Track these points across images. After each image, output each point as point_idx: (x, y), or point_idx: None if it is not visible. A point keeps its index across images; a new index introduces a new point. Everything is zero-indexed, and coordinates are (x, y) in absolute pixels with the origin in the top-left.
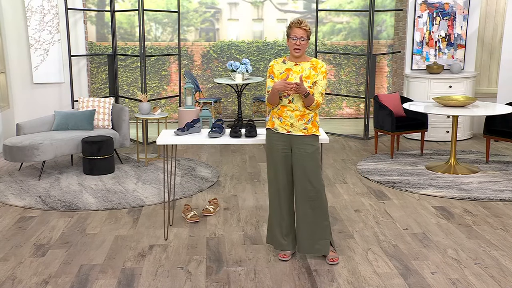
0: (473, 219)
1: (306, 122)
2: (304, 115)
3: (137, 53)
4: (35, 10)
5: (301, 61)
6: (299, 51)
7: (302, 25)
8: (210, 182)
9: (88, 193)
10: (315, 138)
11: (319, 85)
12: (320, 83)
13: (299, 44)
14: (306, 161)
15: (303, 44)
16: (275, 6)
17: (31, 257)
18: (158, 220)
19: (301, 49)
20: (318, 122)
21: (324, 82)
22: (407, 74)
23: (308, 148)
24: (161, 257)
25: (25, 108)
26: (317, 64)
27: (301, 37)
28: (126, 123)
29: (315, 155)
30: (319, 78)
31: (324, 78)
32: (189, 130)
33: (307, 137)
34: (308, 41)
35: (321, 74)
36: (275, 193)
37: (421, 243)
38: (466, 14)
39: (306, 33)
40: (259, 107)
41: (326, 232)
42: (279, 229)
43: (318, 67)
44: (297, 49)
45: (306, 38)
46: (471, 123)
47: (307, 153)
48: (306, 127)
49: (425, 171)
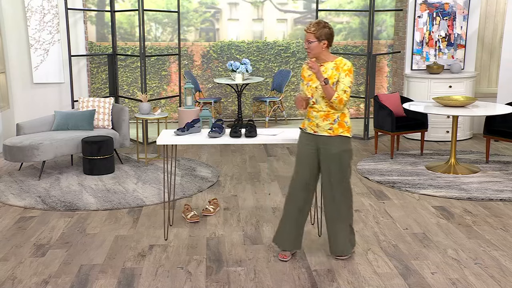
0: (473, 219)
1: (332, 123)
2: (328, 115)
3: (137, 53)
4: (35, 10)
5: (325, 62)
6: (310, 53)
7: (308, 29)
8: (210, 182)
9: (88, 193)
10: (342, 139)
11: (341, 83)
12: (342, 80)
13: (307, 47)
14: (330, 162)
15: (312, 46)
16: (275, 6)
17: (31, 257)
18: (158, 220)
19: (311, 52)
20: (347, 123)
21: (347, 80)
22: (407, 74)
23: (333, 148)
24: (161, 257)
25: (25, 108)
26: (340, 63)
27: (308, 40)
28: (126, 123)
29: (340, 156)
30: (342, 76)
31: (347, 76)
32: (189, 130)
33: (332, 138)
34: (321, 41)
35: (343, 72)
36: (292, 190)
37: (421, 243)
38: (466, 14)
39: (313, 35)
40: (259, 107)
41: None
42: (288, 227)
43: (341, 66)
44: (307, 52)
45: (314, 40)
46: (471, 123)
47: (331, 154)
48: (332, 127)
49: (425, 171)
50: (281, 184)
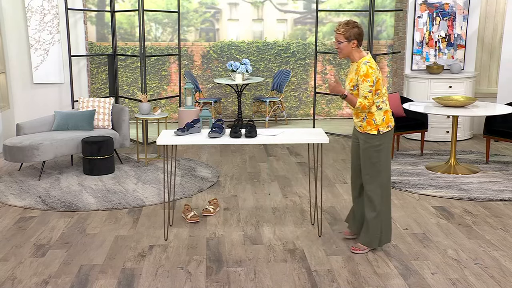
0: (473, 219)
1: (361, 120)
2: (357, 113)
3: (137, 53)
4: (35, 10)
5: (354, 61)
6: (340, 54)
7: (337, 29)
8: (210, 182)
9: (88, 193)
10: (369, 136)
11: (360, 89)
12: (360, 86)
13: (337, 47)
14: (360, 155)
15: (341, 46)
16: (275, 6)
17: (31, 257)
18: (158, 220)
19: (341, 52)
20: (375, 121)
21: (364, 85)
22: (407, 74)
23: (362, 143)
24: (161, 257)
25: (25, 108)
26: (358, 67)
27: (338, 41)
28: (126, 123)
29: (367, 151)
30: (359, 81)
31: (364, 82)
32: (189, 130)
33: (362, 134)
34: (351, 41)
35: (360, 78)
36: (351, 177)
37: (421, 243)
38: (466, 14)
39: (342, 35)
40: (259, 107)
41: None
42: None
43: (358, 71)
44: (338, 52)
45: (344, 40)
46: (471, 123)
47: (361, 148)
48: (362, 124)
49: (425, 171)
50: (281, 184)
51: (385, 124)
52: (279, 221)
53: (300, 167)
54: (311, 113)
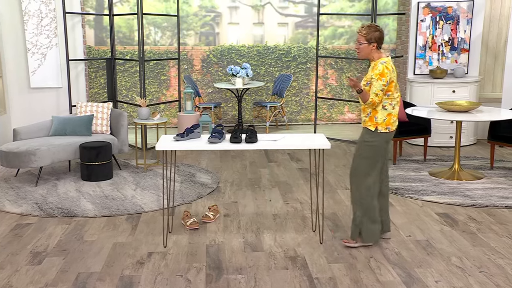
0: (478, 226)
1: (366, 116)
2: (365, 108)
3: (136, 57)
4: (32, 14)
5: (373, 61)
6: (359, 54)
7: (360, 31)
8: (210, 188)
9: (86, 199)
10: (366, 131)
11: (373, 86)
12: (374, 84)
13: (357, 48)
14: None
15: (361, 47)
16: (276, 10)
17: (28, 265)
18: (157, 227)
19: (360, 53)
20: (376, 119)
21: (378, 84)
22: (410, 79)
23: (359, 137)
24: (160, 264)
25: (22, 113)
26: (374, 66)
27: (359, 42)
28: (125, 129)
29: (360, 144)
30: (374, 79)
31: (379, 80)
32: (188, 135)
33: (363, 129)
34: (371, 44)
35: (375, 76)
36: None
37: (424, 251)
38: (470, 18)
39: (363, 37)
40: (260, 112)
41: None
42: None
43: (374, 69)
44: (357, 52)
45: (365, 42)
46: (475, 128)
47: (357, 141)
48: (365, 119)
49: (428, 177)
50: (281, 190)
51: (385, 125)
52: (280, 228)
53: (301, 173)
54: (312, 118)
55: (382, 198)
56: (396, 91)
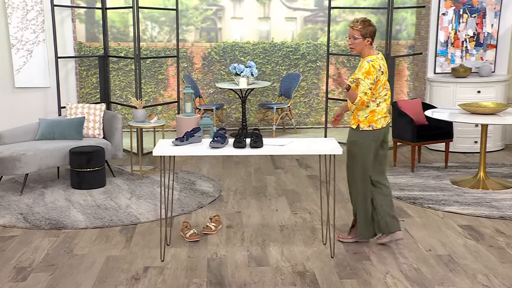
0: (507, 241)
1: (352, 114)
2: (351, 107)
3: (131, 54)
4: (16, 7)
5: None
6: (353, 50)
7: (354, 26)
8: (211, 197)
9: (76, 209)
10: (350, 129)
11: (360, 85)
12: (361, 83)
13: (351, 43)
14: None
15: (356, 43)
16: (283, 3)
17: (10, 282)
18: (153, 239)
19: (355, 48)
20: (358, 116)
21: (365, 82)
22: (430, 78)
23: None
24: (157, 280)
25: (5, 115)
26: (361, 64)
27: (353, 37)
28: (119, 132)
29: (348, 146)
30: (361, 78)
31: (366, 78)
32: (188, 139)
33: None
34: (366, 39)
35: (362, 75)
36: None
37: (446, 267)
38: (498, 11)
39: (358, 32)
40: (266, 114)
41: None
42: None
43: (361, 66)
44: (351, 48)
45: (360, 37)
46: (502, 132)
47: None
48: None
49: (450, 186)
50: (289, 199)
51: (367, 123)
52: (287, 240)
53: (311, 180)
54: (322, 121)
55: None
56: (384, 88)
